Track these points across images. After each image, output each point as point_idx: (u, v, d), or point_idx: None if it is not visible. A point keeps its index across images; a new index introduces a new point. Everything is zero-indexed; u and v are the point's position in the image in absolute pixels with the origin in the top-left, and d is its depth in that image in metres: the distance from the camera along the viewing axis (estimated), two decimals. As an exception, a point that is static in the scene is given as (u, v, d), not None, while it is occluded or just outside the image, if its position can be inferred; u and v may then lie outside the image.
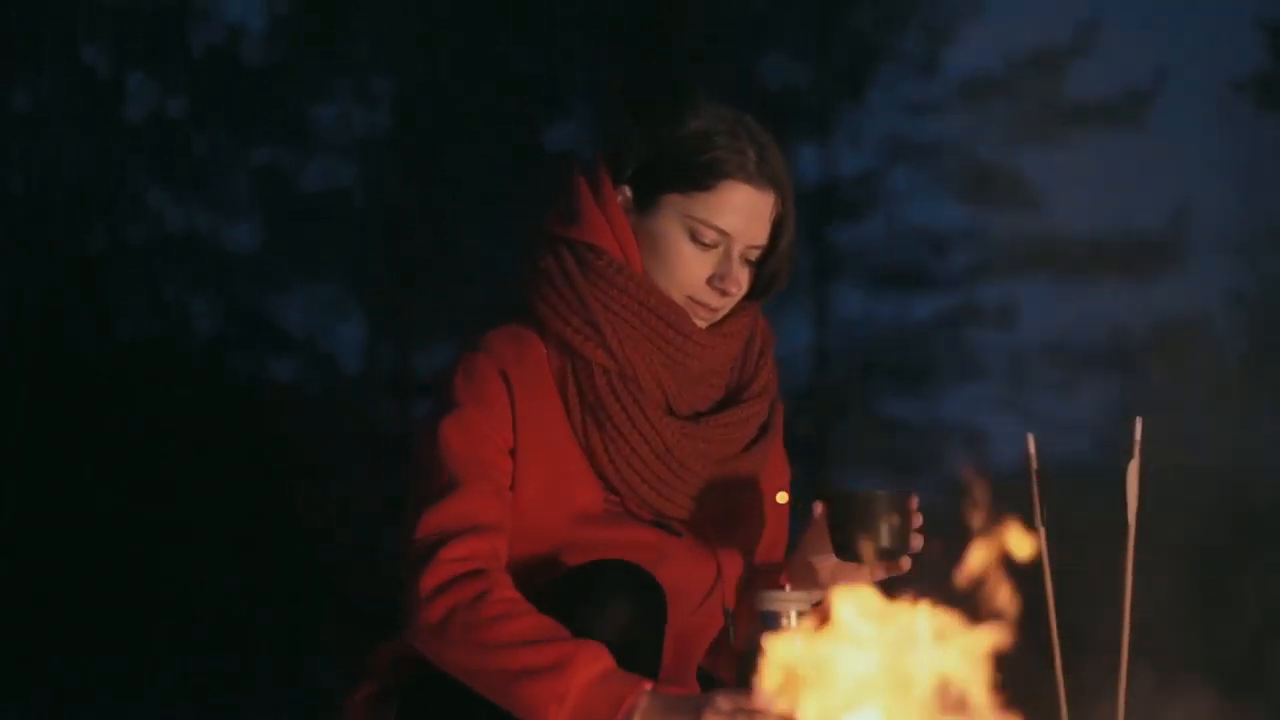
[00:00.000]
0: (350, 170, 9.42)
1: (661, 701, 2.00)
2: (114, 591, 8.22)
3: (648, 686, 2.00)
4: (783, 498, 2.26)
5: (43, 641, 7.95)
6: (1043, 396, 9.62)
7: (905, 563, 2.12)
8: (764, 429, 2.29)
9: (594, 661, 2.02)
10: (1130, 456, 2.19)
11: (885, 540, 2.08)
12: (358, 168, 9.39)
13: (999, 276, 9.91)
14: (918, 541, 2.12)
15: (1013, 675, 1.96)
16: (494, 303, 2.29)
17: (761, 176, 2.19)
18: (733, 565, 2.27)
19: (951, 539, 2.25)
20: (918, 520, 2.12)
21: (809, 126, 9.85)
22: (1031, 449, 2.21)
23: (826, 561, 2.18)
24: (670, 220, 2.20)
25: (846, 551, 2.08)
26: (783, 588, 2.04)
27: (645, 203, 2.21)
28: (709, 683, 2.28)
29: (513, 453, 2.18)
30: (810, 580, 2.19)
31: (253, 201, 9.35)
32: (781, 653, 1.93)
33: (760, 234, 2.20)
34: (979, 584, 1.94)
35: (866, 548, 2.08)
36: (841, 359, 9.54)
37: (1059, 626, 2.17)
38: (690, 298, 2.20)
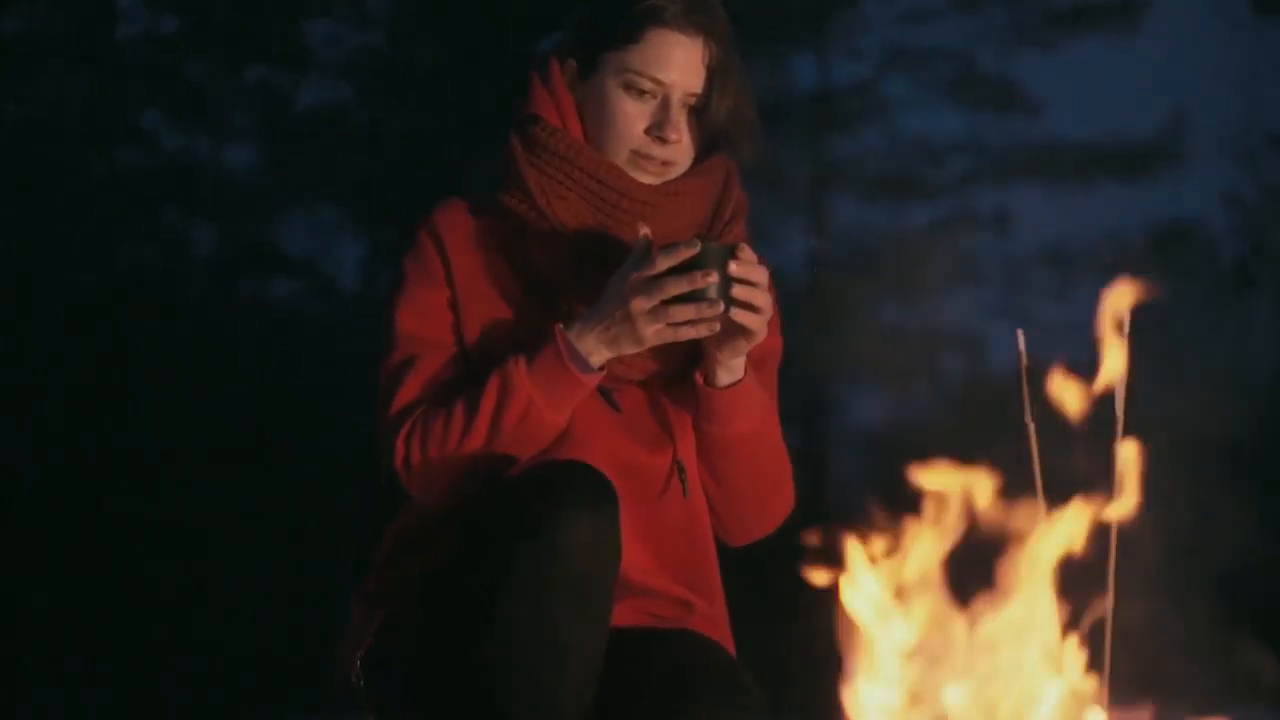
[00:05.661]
0: (346, 89, 9.39)
1: (583, 320, 2.18)
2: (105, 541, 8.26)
3: (559, 327, 2.18)
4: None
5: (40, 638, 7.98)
6: (1039, 301, 9.65)
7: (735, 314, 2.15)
8: None
9: (517, 365, 2.19)
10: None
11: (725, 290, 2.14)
12: (353, 86, 9.36)
13: (995, 183, 9.91)
14: (747, 293, 2.15)
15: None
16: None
17: (688, 22, 2.27)
18: (687, 441, 2.31)
19: (946, 442, 2.29)
20: (757, 274, 2.14)
21: (804, 35, 9.82)
22: (1021, 346, 2.25)
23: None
24: (608, 77, 2.31)
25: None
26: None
27: (587, 68, 2.32)
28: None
29: (453, 306, 2.27)
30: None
31: (249, 123, 9.32)
32: None
33: (694, 82, 2.28)
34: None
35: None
36: (837, 267, 9.57)
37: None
38: (634, 151, 2.28)
